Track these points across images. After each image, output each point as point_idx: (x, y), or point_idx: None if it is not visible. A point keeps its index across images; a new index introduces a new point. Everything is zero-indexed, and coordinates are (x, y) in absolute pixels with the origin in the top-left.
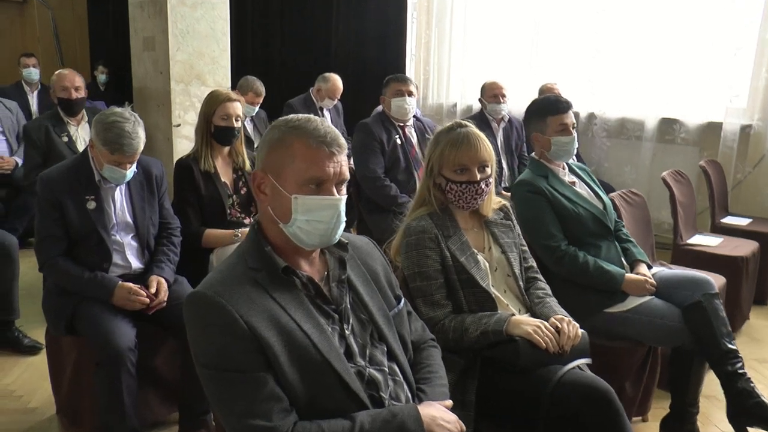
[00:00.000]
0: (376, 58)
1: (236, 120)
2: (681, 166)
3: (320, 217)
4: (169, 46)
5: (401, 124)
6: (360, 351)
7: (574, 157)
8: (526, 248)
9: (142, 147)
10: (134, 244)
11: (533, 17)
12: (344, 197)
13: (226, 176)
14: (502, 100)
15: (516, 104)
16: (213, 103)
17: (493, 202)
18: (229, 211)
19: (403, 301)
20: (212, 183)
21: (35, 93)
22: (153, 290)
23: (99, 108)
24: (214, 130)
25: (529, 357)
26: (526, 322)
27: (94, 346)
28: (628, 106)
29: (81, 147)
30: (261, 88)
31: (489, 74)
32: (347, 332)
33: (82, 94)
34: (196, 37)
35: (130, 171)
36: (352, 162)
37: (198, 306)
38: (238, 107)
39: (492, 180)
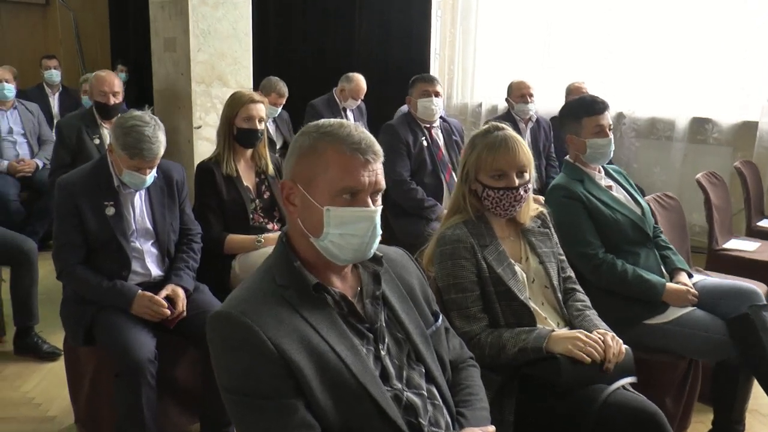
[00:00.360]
0: (399, 57)
1: (260, 122)
2: (713, 167)
3: (354, 230)
4: (190, 47)
5: (427, 126)
6: (396, 373)
7: None
8: (564, 258)
9: (162, 151)
10: (154, 251)
11: (561, 14)
12: (380, 208)
13: (248, 180)
14: (529, 100)
15: (543, 104)
16: (236, 104)
17: (531, 209)
18: (251, 216)
19: (441, 317)
20: (234, 187)
21: (56, 95)
22: (165, 293)
23: (124, 108)
24: (236, 132)
25: (571, 375)
26: (567, 338)
27: (114, 357)
28: (658, 105)
29: None
30: (284, 88)
31: (515, 73)
32: (383, 353)
33: (119, 99)
34: (217, 37)
35: (150, 176)
36: None
37: (222, 326)
38: (261, 109)
39: (531, 186)
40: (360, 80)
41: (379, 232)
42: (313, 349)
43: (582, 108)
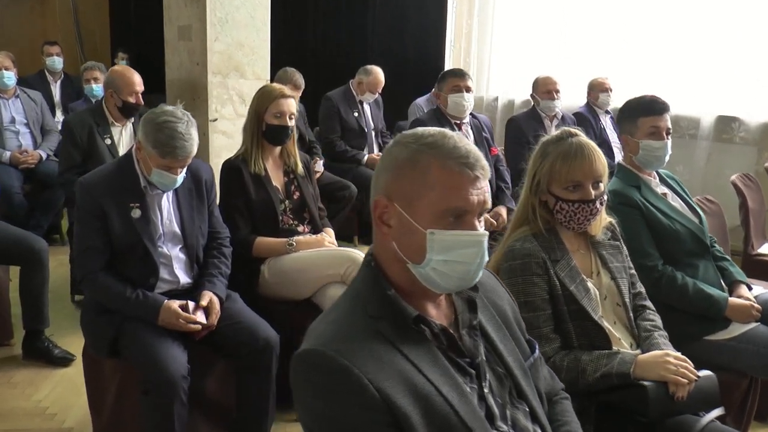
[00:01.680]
0: (413, 50)
1: (290, 118)
2: (739, 168)
3: (461, 256)
4: (206, 36)
5: (457, 122)
6: (501, 413)
7: (621, 155)
8: (635, 272)
9: (195, 150)
10: (182, 256)
11: (582, 7)
12: (487, 232)
13: (277, 180)
14: (556, 97)
15: (564, 100)
16: (265, 99)
17: (602, 219)
18: (281, 217)
19: (537, 348)
20: (263, 187)
21: (58, 83)
22: (204, 303)
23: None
24: (265, 128)
25: (659, 405)
26: (657, 363)
27: (142, 373)
28: (682, 102)
29: (122, 152)
30: (300, 80)
31: (532, 67)
32: (486, 391)
33: (141, 100)
34: (235, 26)
35: (181, 176)
36: None
37: (314, 369)
38: (292, 104)
39: (606, 197)
40: (378, 73)
41: (487, 258)
42: (418, 392)
43: (639, 107)
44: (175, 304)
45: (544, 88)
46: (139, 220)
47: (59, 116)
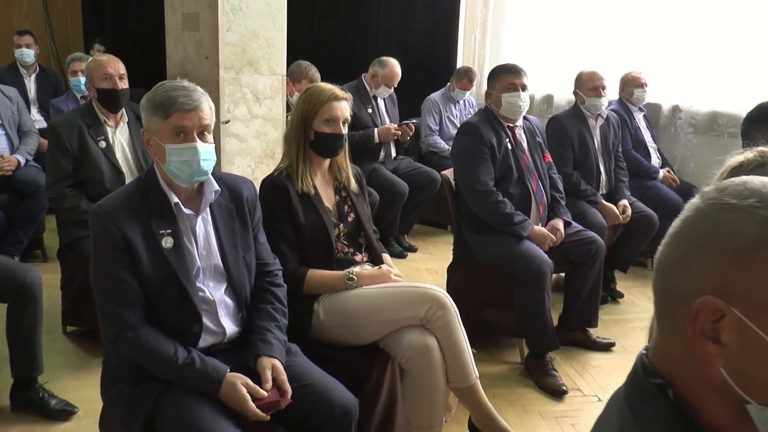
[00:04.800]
0: (423, 41)
1: (344, 124)
2: None
3: None
4: (218, 25)
5: (510, 125)
6: None
7: (657, 158)
8: None
9: (209, 108)
10: (228, 299)
11: None
12: None
13: (328, 199)
14: (603, 93)
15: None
16: (315, 101)
17: None
18: (335, 245)
19: None
20: (314, 209)
21: (33, 76)
22: (269, 384)
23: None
24: (314, 137)
25: None
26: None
27: None
28: (721, 97)
29: (120, 156)
30: (316, 74)
31: (554, 60)
32: None
33: (126, 84)
34: (249, 14)
35: (205, 149)
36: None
37: None
38: (346, 108)
39: None
40: (395, 65)
41: None
42: None
43: None
44: (243, 380)
45: (591, 84)
46: (172, 250)
47: (35, 114)
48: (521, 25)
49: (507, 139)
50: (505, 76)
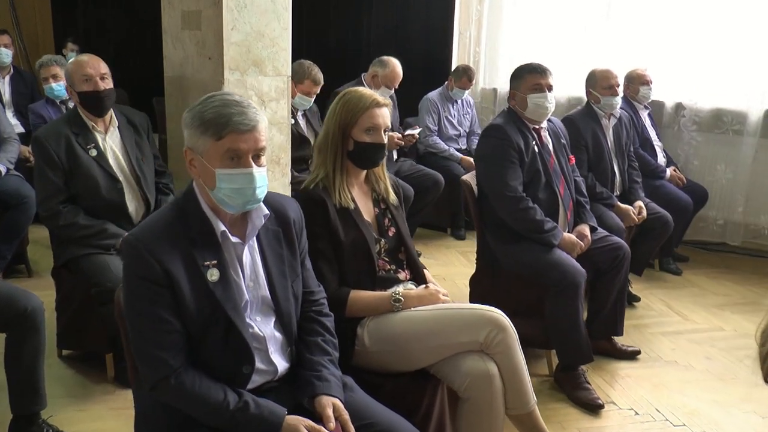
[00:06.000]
0: (417, 38)
1: (385, 133)
2: None
3: None
4: (223, 24)
5: (536, 127)
6: None
7: (663, 157)
8: None
9: (265, 128)
10: (277, 334)
11: None
12: None
13: (367, 213)
14: (618, 92)
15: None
16: (355, 108)
17: None
18: (376, 262)
19: None
20: (353, 224)
21: (7, 78)
22: (332, 425)
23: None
24: (353, 147)
25: None
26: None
27: None
28: (725, 95)
29: (113, 163)
30: (319, 75)
31: (553, 57)
32: None
33: (110, 84)
34: (254, 11)
35: (261, 175)
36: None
37: None
38: (387, 115)
39: None
40: (396, 65)
41: None
42: None
43: None
44: (305, 422)
45: (606, 83)
46: (218, 284)
47: (10, 118)
48: (518, 21)
49: (534, 142)
50: (530, 76)
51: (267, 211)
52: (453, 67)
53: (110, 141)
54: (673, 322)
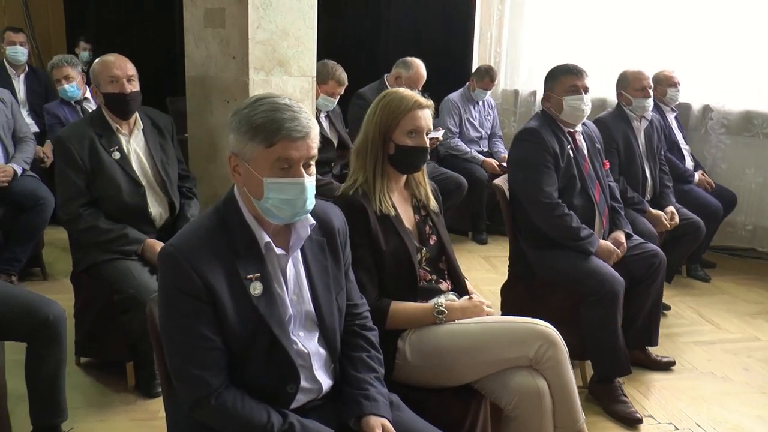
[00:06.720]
0: (437, 38)
1: (427, 135)
2: None
3: None
4: (248, 22)
5: (570, 131)
6: None
7: (691, 160)
8: None
9: (316, 134)
10: (321, 349)
11: None
12: None
13: (407, 219)
14: (650, 94)
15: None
16: (395, 111)
17: None
18: (417, 272)
19: None
20: (395, 232)
21: (22, 77)
22: None
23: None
24: (394, 151)
25: None
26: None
27: None
28: (754, 96)
29: (136, 167)
30: (344, 75)
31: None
32: None
33: (136, 86)
34: (280, 10)
35: (311, 184)
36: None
37: None
38: (429, 117)
39: None
40: (420, 66)
41: None
42: None
43: None
44: None
45: (638, 85)
46: (262, 298)
47: (25, 117)
48: (540, 21)
49: (569, 146)
50: (566, 78)
51: (313, 221)
52: (473, 68)
53: (134, 144)
54: (705, 331)
